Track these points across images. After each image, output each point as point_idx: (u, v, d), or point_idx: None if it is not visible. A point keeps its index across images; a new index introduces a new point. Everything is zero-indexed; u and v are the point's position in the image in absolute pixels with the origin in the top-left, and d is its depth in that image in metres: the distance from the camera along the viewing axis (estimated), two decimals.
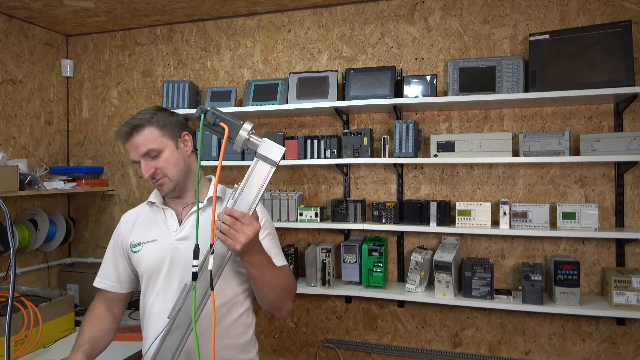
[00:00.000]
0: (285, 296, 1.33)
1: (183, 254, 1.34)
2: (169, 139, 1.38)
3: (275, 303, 1.33)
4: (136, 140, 1.34)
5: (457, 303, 2.23)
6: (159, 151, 1.35)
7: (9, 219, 1.00)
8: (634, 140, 2.04)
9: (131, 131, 1.34)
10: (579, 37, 2.14)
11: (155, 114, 1.37)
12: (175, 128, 1.40)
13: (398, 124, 2.32)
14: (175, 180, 1.37)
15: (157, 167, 1.35)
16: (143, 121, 1.35)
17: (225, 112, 1.18)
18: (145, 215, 1.48)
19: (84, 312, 2.62)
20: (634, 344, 2.19)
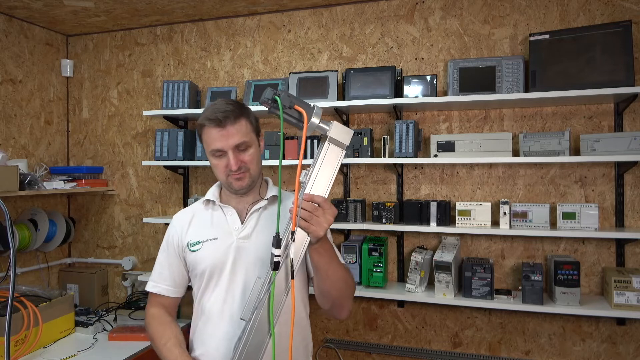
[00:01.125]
0: (347, 293, 1.29)
1: (247, 252, 1.33)
2: (255, 135, 1.35)
3: (337, 299, 1.28)
4: (231, 129, 1.28)
5: (457, 303, 2.23)
6: (248, 146, 1.31)
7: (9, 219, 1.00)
8: (634, 140, 2.04)
9: (226, 119, 1.27)
10: (579, 37, 2.13)
11: (246, 107, 1.34)
12: (258, 126, 1.38)
13: (398, 124, 2.32)
14: (253, 177, 1.34)
15: (243, 161, 1.30)
16: (241, 112, 1.31)
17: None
18: (202, 214, 1.45)
19: (83, 312, 2.64)
20: (634, 344, 2.19)
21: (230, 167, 1.28)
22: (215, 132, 1.28)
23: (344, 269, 1.27)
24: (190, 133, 2.71)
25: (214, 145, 1.29)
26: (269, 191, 1.41)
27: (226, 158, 1.29)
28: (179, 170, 2.87)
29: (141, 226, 3.02)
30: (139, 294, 2.85)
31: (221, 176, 1.33)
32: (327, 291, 1.26)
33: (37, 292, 2.38)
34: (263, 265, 1.29)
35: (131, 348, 2.29)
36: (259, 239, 1.35)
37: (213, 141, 1.29)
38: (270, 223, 1.36)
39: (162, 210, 2.98)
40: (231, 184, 1.33)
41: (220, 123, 1.27)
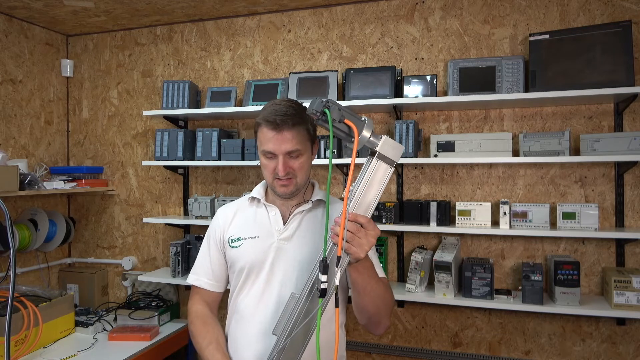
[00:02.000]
0: (384, 310, 1.26)
1: (286, 254, 1.31)
2: (310, 143, 1.32)
3: (374, 316, 1.25)
4: (286, 135, 1.24)
5: (457, 303, 2.23)
6: (300, 154, 1.28)
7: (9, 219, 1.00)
8: (634, 140, 2.04)
9: (284, 123, 1.24)
10: (579, 37, 2.13)
11: (303, 112, 1.28)
12: (315, 133, 1.34)
13: (398, 124, 2.32)
14: (299, 185, 1.31)
15: (292, 167, 1.27)
16: (300, 118, 1.27)
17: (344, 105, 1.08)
18: (246, 210, 1.43)
19: (83, 312, 2.64)
20: (634, 344, 2.19)
21: (278, 171, 1.26)
22: (270, 134, 1.25)
23: (382, 286, 1.23)
24: (191, 133, 2.71)
25: (266, 146, 1.27)
26: (314, 195, 1.39)
27: (276, 161, 1.27)
28: (179, 170, 2.87)
29: (141, 226, 3.02)
30: (139, 294, 2.85)
31: (268, 177, 1.32)
32: (363, 307, 1.23)
33: (37, 292, 2.38)
34: (302, 268, 1.28)
35: (131, 348, 2.29)
36: (299, 241, 1.33)
37: (266, 142, 1.27)
38: (312, 226, 1.35)
39: (162, 210, 2.98)
40: (275, 188, 1.31)
41: (277, 127, 1.24)
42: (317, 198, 1.39)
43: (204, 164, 2.61)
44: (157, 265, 2.98)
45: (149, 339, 2.39)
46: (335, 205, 1.39)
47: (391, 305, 1.28)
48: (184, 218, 2.78)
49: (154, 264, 3.00)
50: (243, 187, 2.78)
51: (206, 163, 2.61)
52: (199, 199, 2.63)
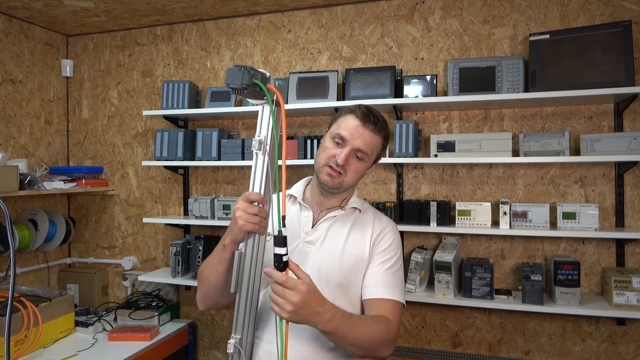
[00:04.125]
0: (375, 347, 1.20)
1: (308, 258, 1.29)
2: (374, 157, 1.33)
3: (365, 354, 1.21)
4: (367, 133, 1.26)
5: (457, 303, 2.23)
6: (364, 160, 1.28)
7: (8, 219, 1.00)
8: (634, 140, 2.04)
9: (373, 124, 1.27)
10: (579, 37, 2.13)
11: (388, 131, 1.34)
12: (383, 154, 1.37)
13: (398, 124, 2.32)
14: (344, 186, 1.29)
15: (349, 164, 1.27)
16: (386, 131, 1.31)
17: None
18: None
19: (83, 312, 2.64)
20: (634, 344, 2.19)
21: (337, 158, 1.25)
22: (354, 123, 1.27)
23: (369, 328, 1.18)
24: (191, 133, 2.71)
25: (343, 131, 1.27)
26: (350, 203, 1.38)
27: (340, 150, 1.26)
28: (179, 170, 2.87)
29: (141, 226, 3.02)
30: (139, 294, 2.85)
31: (321, 160, 1.29)
32: (350, 354, 1.21)
33: (37, 292, 2.38)
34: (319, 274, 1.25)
35: (131, 348, 2.29)
36: (323, 246, 1.31)
37: (345, 128, 1.27)
38: (339, 233, 1.33)
39: (162, 210, 2.98)
40: (321, 174, 1.29)
41: (366, 122, 1.26)
42: (352, 206, 1.37)
43: (204, 164, 2.61)
44: (157, 265, 2.98)
45: (149, 339, 2.39)
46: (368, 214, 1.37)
47: (386, 339, 1.21)
48: (184, 218, 2.78)
49: (154, 264, 3.00)
50: (243, 187, 2.79)
51: (206, 163, 2.61)
52: (199, 199, 2.63)
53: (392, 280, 1.30)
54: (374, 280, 1.28)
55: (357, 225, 1.35)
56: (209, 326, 2.88)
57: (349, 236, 1.32)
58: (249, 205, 1.09)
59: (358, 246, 1.31)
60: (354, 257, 1.30)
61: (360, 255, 1.31)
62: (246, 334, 1.13)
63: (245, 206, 1.09)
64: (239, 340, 1.11)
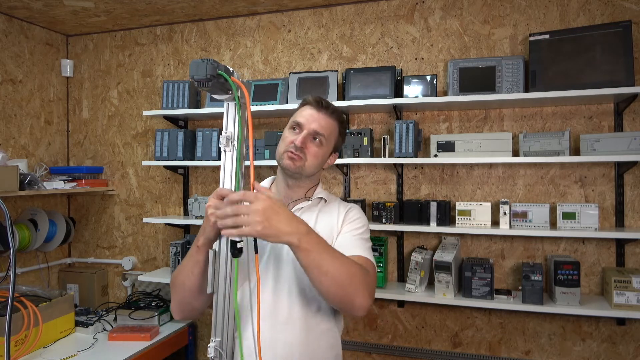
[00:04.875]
0: (354, 286, 1.12)
1: (281, 250, 1.30)
2: (333, 144, 1.38)
3: (343, 297, 1.13)
4: (321, 118, 1.33)
5: (457, 303, 2.23)
6: (322, 143, 1.33)
7: (9, 219, 1.00)
8: (634, 140, 2.04)
9: (324, 108, 1.34)
10: (579, 37, 2.13)
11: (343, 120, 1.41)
12: (341, 142, 1.43)
13: (398, 124, 2.32)
14: (304, 170, 1.32)
15: (308, 148, 1.31)
16: (339, 117, 1.38)
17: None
18: None
19: (83, 312, 2.64)
20: (634, 344, 2.19)
21: (295, 141, 1.29)
22: (309, 110, 1.34)
23: (345, 262, 1.13)
24: (191, 133, 2.71)
25: (299, 118, 1.33)
26: (316, 193, 1.41)
27: (297, 134, 1.31)
28: (179, 170, 2.87)
29: (141, 226, 3.02)
30: (139, 294, 2.85)
31: (281, 148, 1.34)
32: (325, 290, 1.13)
33: (37, 292, 2.38)
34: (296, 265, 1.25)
35: (131, 348, 2.29)
36: None
37: (301, 116, 1.34)
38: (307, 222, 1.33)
39: (162, 210, 2.98)
40: (283, 160, 1.32)
41: (319, 107, 1.34)
42: (318, 196, 1.41)
43: (204, 164, 2.61)
44: (157, 265, 2.98)
45: (149, 339, 2.39)
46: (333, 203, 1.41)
47: (365, 281, 1.15)
48: (184, 218, 2.78)
49: (154, 264, 3.00)
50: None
51: (206, 163, 2.61)
52: (199, 199, 2.63)
53: (362, 244, 1.31)
54: (344, 244, 1.28)
55: (324, 212, 1.39)
56: (208, 326, 2.88)
57: (318, 222, 1.35)
58: (221, 202, 1.08)
59: (327, 229, 1.34)
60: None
61: (330, 238, 1.33)
62: (226, 336, 1.13)
63: (217, 203, 1.08)
64: (219, 343, 1.11)
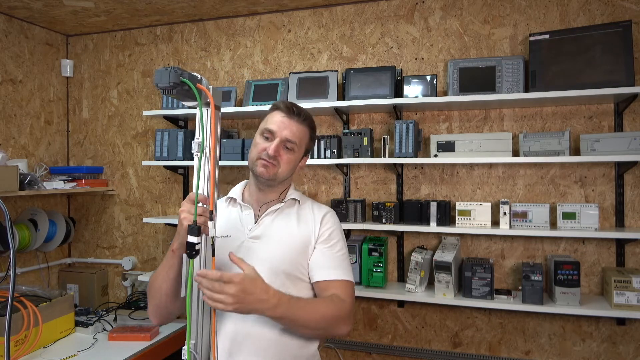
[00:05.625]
0: (329, 325, 1.26)
1: (256, 253, 1.32)
2: (304, 148, 1.41)
3: (322, 335, 1.29)
4: (293, 125, 1.34)
5: (457, 303, 2.23)
6: (293, 150, 1.35)
7: (8, 219, 1.00)
8: (634, 140, 2.04)
9: (296, 115, 1.35)
10: (579, 37, 2.13)
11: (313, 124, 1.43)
12: (311, 146, 1.45)
13: (398, 124, 2.32)
14: (278, 177, 1.35)
15: (280, 156, 1.33)
16: (310, 123, 1.40)
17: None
18: (222, 209, 1.45)
19: (83, 312, 2.64)
20: (634, 344, 2.19)
21: (268, 150, 1.31)
22: (279, 116, 1.35)
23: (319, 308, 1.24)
24: (191, 133, 2.71)
25: (270, 125, 1.34)
26: (289, 195, 1.42)
27: (269, 142, 1.33)
28: (179, 170, 2.87)
29: (141, 226, 3.02)
30: (139, 294, 2.85)
31: (254, 155, 1.35)
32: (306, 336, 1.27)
33: (37, 292, 2.38)
34: (271, 267, 1.28)
35: (131, 348, 2.29)
36: (269, 240, 1.35)
37: (272, 123, 1.34)
38: (283, 225, 1.37)
39: (162, 210, 2.98)
40: (256, 167, 1.34)
41: (290, 114, 1.34)
42: (291, 197, 1.42)
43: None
44: (157, 265, 2.97)
45: (149, 339, 2.39)
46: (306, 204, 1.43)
47: (338, 315, 1.26)
48: None
49: (154, 264, 3.00)
50: None
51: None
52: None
53: (337, 261, 1.35)
54: (319, 262, 1.33)
55: (299, 214, 1.40)
56: None
57: (292, 226, 1.37)
58: (192, 206, 1.12)
59: (302, 234, 1.36)
60: (299, 245, 1.35)
61: (306, 242, 1.35)
62: (201, 338, 1.13)
63: (189, 207, 1.13)
64: (194, 345, 1.12)
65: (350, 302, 1.30)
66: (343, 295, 1.29)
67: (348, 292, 1.31)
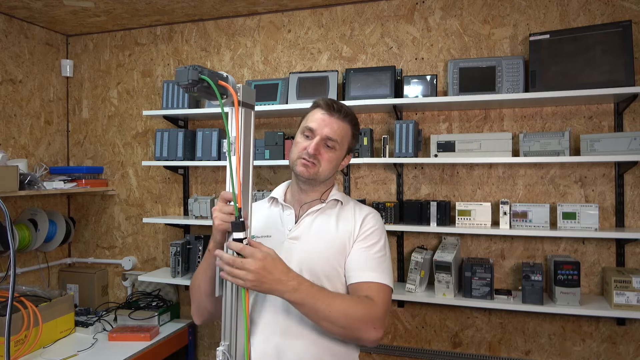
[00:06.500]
0: (355, 326, 1.16)
1: (295, 254, 1.28)
2: (346, 146, 1.36)
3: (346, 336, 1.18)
4: (334, 122, 1.30)
5: (457, 303, 2.23)
6: (335, 148, 1.31)
7: (8, 219, 1.00)
8: (634, 140, 2.04)
9: (336, 112, 1.31)
10: (579, 37, 2.13)
11: (356, 121, 1.37)
12: (354, 144, 1.40)
13: (398, 124, 2.32)
14: (319, 176, 1.31)
15: (321, 154, 1.30)
16: (353, 120, 1.35)
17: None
18: (263, 211, 1.43)
19: (83, 312, 2.64)
20: (634, 344, 2.19)
21: (308, 149, 1.28)
22: (320, 114, 1.31)
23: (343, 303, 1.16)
24: (191, 133, 2.71)
25: (310, 123, 1.31)
26: (331, 195, 1.39)
27: (310, 141, 1.29)
28: (179, 170, 2.87)
29: (141, 226, 3.02)
30: (139, 294, 2.85)
31: (294, 155, 1.32)
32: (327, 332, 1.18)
33: (37, 292, 2.38)
34: (310, 268, 1.25)
35: (131, 348, 2.29)
36: (308, 240, 1.31)
37: (312, 121, 1.31)
38: (324, 226, 1.33)
39: (162, 210, 2.97)
40: (296, 167, 1.31)
41: (331, 111, 1.30)
42: (333, 198, 1.38)
43: (204, 164, 2.61)
44: (157, 265, 2.98)
45: (149, 339, 2.39)
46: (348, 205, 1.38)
47: (367, 318, 1.17)
48: (184, 218, 2.78)
49: (154, 264, 3.00)
50: None
51: (206, 163, 2.61)
52: (198, 199, 2.63)
53: (376, 263, 1.28)
54: (356, 264, 1.27)
55: (340, 216, 1.36)
56: (208, 326, 2.88)
57: (332, 226, 1.33)
58: (224, 205, 1.10)
59: (341, 235, 1.32)
60: (338, 246, 1.31)
61: (344, 243, 1.31)
62: (234, 339, 1.12)
63: (221, 206, 1.11)
64: (228, 346, 1.11)
65: (382, 307, 1.21)
66: (375, 298, 1.21)
67: (381, 295, 1.23)
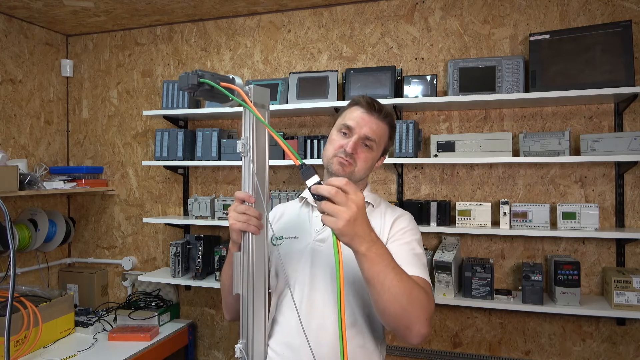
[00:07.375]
0: (414, 310, 1.03)
1: (321, 256, 1.25)
2: (383, 146, 1.32)
3: (401, 319, 1.04)
4: (372, 121, 1.26)
5: (457, 303, 2.23)
6: (372, 148, 1.27)
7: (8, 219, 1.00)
8: (634, 140, 2.04)
9: (376, 111, 1.27)
10: (579, 37, 2.13)
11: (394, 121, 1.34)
12: (390, 144, 1.36)
13: (398, 124, 2.32)
14: (355, 175, 1.27)
15: (357, 154, 1.25)
16: (391, 120, 1.31)
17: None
18: (293, 211, 1.40)
19: (83, 312, 2.64)
20: (634, 344, 2.19)
21: (346, 147, 1.23)
22: (359, 112, 1.27)
23: (409, 282, 1.04)
24: (190, 133, 2.71)
25: (348, 121, 1.26)
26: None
27: (348, 140, 1.25)
28: (179, 170, 2.87)
29: (141, 226, 3.02)
30: (139, 294, 2.85)
31: (329, 152, 1.27)
32: (383, 307, 1.04)
33: (37, 292, 2.38)
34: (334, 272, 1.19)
35: (131, 348, 2.29)
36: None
37: (351, 118, 1.27)
38: None
39: (162, 210, 2.97)
40: (332, 165, 1.26)
41: (371, 110, 1.27)
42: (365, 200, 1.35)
43: (204, 164, 2.61)
44: (157, 265, 2.98)
45: (149, 339, 2.39)
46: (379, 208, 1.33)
47: (426, 306, 1.07)
48: (184, 218, 2.78)
49: (153, 264, 2.99)
50: None
51: (206, 163, 2.61)
52: (198, 199, 2.63)
53: (417, 260, 1.21)
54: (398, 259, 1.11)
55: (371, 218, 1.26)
56: (209, 326, 2.88)
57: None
58: (238, 205, 1.08)
59: None
60: None
61: None
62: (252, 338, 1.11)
63: (235, 205, 1.09)
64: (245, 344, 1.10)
65: (432, 301, 1.13)
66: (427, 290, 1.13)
67: (429, 290, 1.15)
